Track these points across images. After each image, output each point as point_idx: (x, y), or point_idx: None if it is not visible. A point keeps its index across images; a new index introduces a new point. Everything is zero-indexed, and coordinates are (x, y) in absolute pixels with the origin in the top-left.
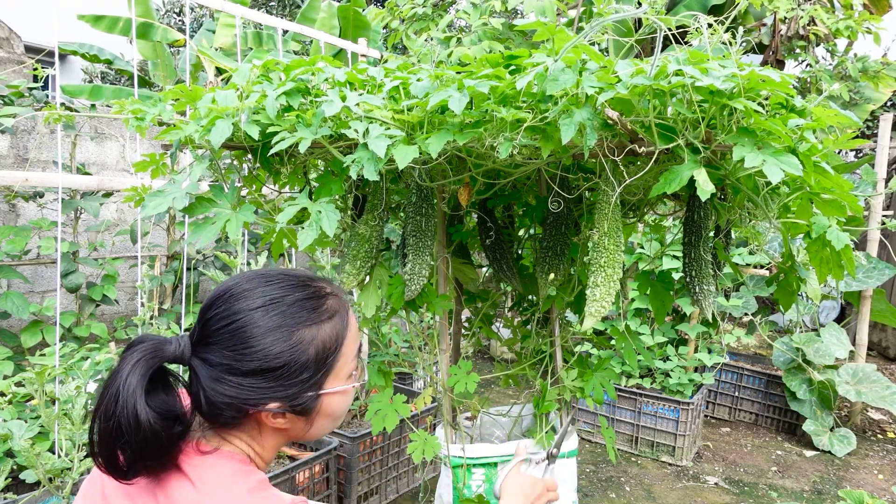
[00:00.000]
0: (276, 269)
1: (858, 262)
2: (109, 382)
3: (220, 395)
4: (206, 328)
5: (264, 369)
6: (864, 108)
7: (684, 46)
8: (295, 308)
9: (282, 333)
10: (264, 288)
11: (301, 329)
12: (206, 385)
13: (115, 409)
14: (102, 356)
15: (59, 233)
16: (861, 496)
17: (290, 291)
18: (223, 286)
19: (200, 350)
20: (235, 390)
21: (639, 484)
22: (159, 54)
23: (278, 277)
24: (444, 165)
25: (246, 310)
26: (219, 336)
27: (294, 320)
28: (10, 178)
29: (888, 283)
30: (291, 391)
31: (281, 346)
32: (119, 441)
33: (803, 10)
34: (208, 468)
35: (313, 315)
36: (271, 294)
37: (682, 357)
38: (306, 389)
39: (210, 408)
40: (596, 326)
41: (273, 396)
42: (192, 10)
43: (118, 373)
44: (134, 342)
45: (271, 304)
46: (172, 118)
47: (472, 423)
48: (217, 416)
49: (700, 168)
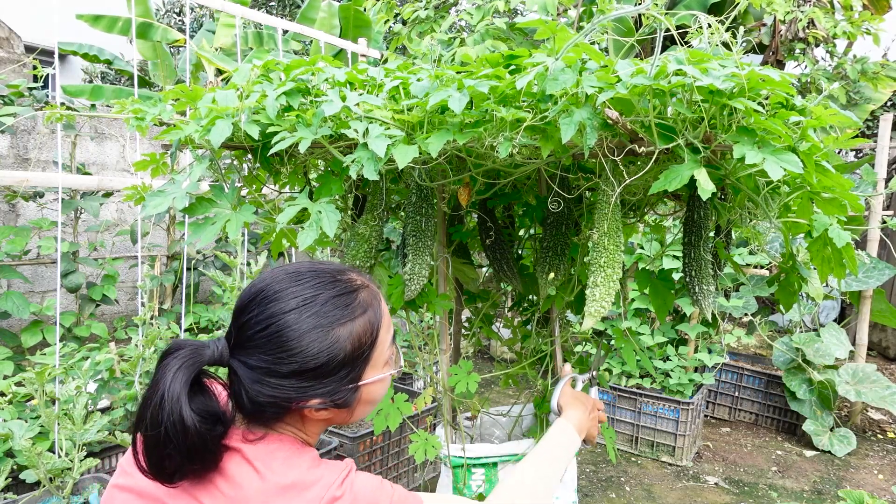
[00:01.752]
0: (305, 264)
1: (860, 261)
2: (151, 391)
3: (261, 394)
4: (241, 332)
5: (303, 370)
6: (864, 108)
7: (684, 46)
8: (328, 307)
9: (318, 334)
10: (295, 288)
11: (336, 327)
12: (247, 385)
13: (162, 417)
14: (102, 356)
15: (59, 233)
16: (861, 496)
17: (321, 290)
18: (254, 288)
19: (238, 353)
20: (277, 390)
21: (639, 484)
22: (159, 54)
23: (308, 275)
24: (444, 165)
25: (279, 313)
26: (255, 340)
27: (329, 319)
28: (10, 178)
29: (888, 283)
30: (332, 387)
31: (318, 347)
32: (167, 448)
33: (802, 11)
34: (265, 452)
35: (347, 311)
36: (303, 294)
37: (682, 357)
38: (346, 383)
39: (253, 406)
40: (596, 326)
41: (314, 393)
42: (192, 10)
43: (160, 380)
44: (171, 349)
45: (304, 306)
46: (172, 118)
47: (472, 423)
48: (260, 413)
49: (700, 168)
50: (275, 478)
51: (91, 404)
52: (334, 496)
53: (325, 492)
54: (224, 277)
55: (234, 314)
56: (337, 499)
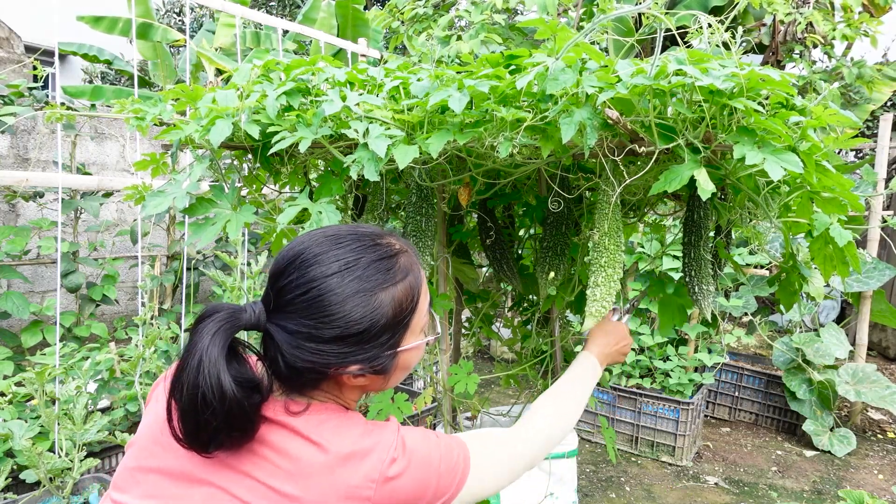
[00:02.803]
0: (344, 227)
1: (862, 260)
2: (188, 354)
3: (299, 360)
4: (280, 296)
5: (345, 335)
6: (864, 108)
7: (684, 47)
8: (371, 270)
9: (361, 298)
10: (336, 251)
11: (379, 292)
12: (285, 350)
13: (198, 380)
14: (102, 356)
15: (59, 233)
16: (861, 496)
17: (362, 253)
18: (292, 251)
19: (276, 317)
20: (316, 356)
21: (639, 484)
22: (159, 54)
23: (348, 238)
24: (444, 165)
25: (321, 276)
26: (295, 304)
27: (371, 283)
28: (11, 178)
29: (888, 283)
30: (372, 353)
31: (361, 312)
32: (204, 413)
33: (801, 13)
34: (315, 423)
35: (388, 276)
36: (345, 258)
37: (682, 357)
38: (386, 349)
39: (290, 371)
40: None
41: (354, 359)
42: (192, 10)
43: (196, 343)
44: (207, 312)
45: (346, 270)
46: (172, 118)
47: (472, 423)
48: (297, 379)
49: (700, 168)
50: (334, 448)
51: (91, 404)
52: (393, 458)
53: (385, 454)
54: (224, 277)
55: (270, 277)
56: (395, 460)
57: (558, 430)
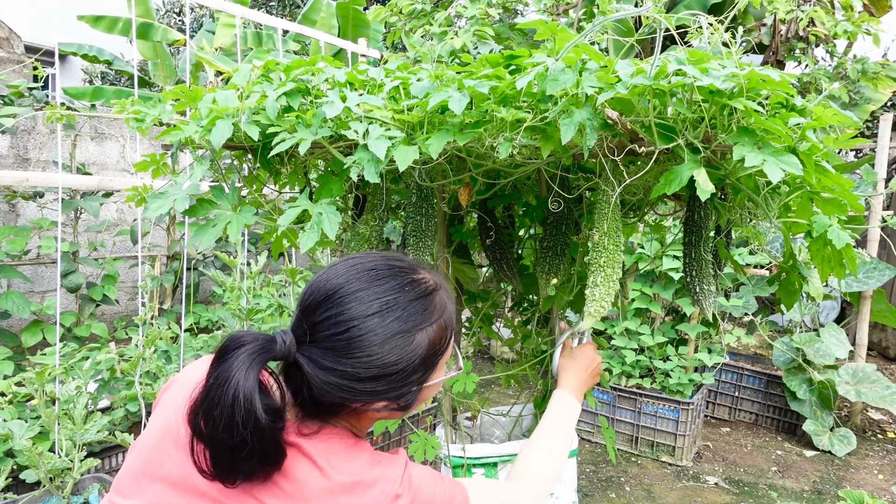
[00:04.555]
0: (380, 259)
1: (860, 261)
2: (220, 389)
3: (328, 394)
4: (316, 331)
5: (380, 376)
6: (864, 108)
7: (684, 46)
8: (411, 310)
9: (399, 340)
10: (376, 289)
11: (416, 333)
12: (314, 384)
13: (234, 418)
14: (103, 356)
15: (59, 233)
16: (861, 496)
17: (402, 291)
18: (329, 283)
19: (308, 350)
20: (346, 393)
21: (639, 484)
22: (159, 54)
23: (387, 274)
24: (444, 165)
25: (361, 316)
26: (332, 341)
27: (410, 325)
28: (10, 178)
29: (888, 284)
30: (402, 391)
31: (399, 354)
32: (241, 450)
33: (803, 10)
34: (324, 448)
35: (425, 315)
36: (385, 297)
37: (682, 357)
38: (414, 386)
39: (315, 403)
40: (596, 326)
41: (384, 398)
42: (192, 10)
43: (229, 378)
44: (235, 342)
45: (387, 310)
46: (172, 118)
47: (472, 423)
48: (319, 408)
49: (700, 168)
50: (338, 476)
51: (91, 404)
52: (397, 493)
53: (389, 487)
54: (224, 277)
55: (304, 309)
56: (399, 496)
57: (550, 476)
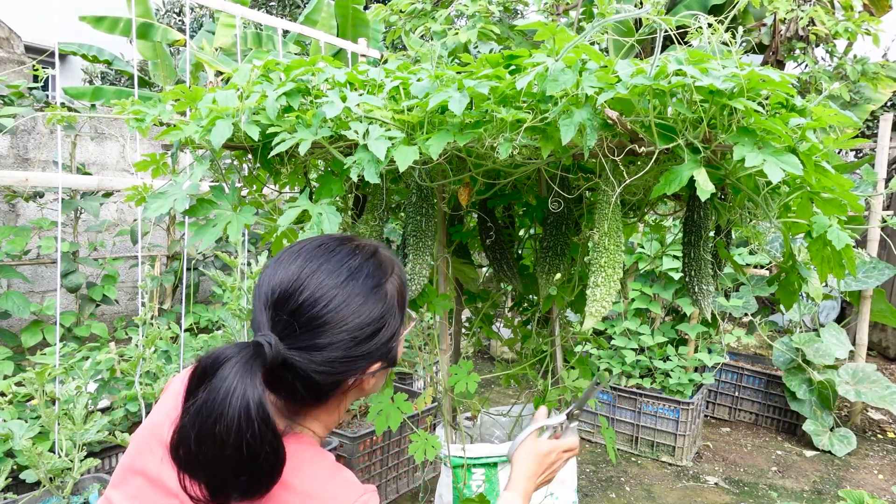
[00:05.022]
0: (321, 238)
1: (860, 261)
2: (221, 407)
3: (328, 375)
4: (296, 318)
5: (373, 333)
6: (864, 108)
7: (684, 46)
8: (370, 268)
9: (376, 294)
10: (336, 258)
11: (385, 284)
12: (310, 373)
13: (243, 433)
14: (103, 356)
15: (59, 233)
16: (861, 496)
17: (356, 255)
18: (290, 272)
19: (296, 342)
20: (348, 363)
21: (639, 484)
22: (159, 54)
23: (336, 244)
24: (444, 165)
25: (336, 285)
26: (319, 320)
27: (378, 279)
28: (10, 178)
29: (888, 283)
30: (391, 344)
31: (382, 307)
32: (249, 466)
33: (803, 10)
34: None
35: (384, 268)
36: (347, 262)
37: (682, 357)
38: (397, 338)
39: (313, 392)
40: (596, 326)
41: (378, 356)
42: (192, 10)
43: (230, 391)
44: (218, 357)
45: (356, 272)
46: (173, 118)
47: (473, 423)
48: (316, 398)
49: (700, 168)
50: (299, 484)
51: (91, 404)
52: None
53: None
54: (224, 277)
55: (276, 304)
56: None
57: None
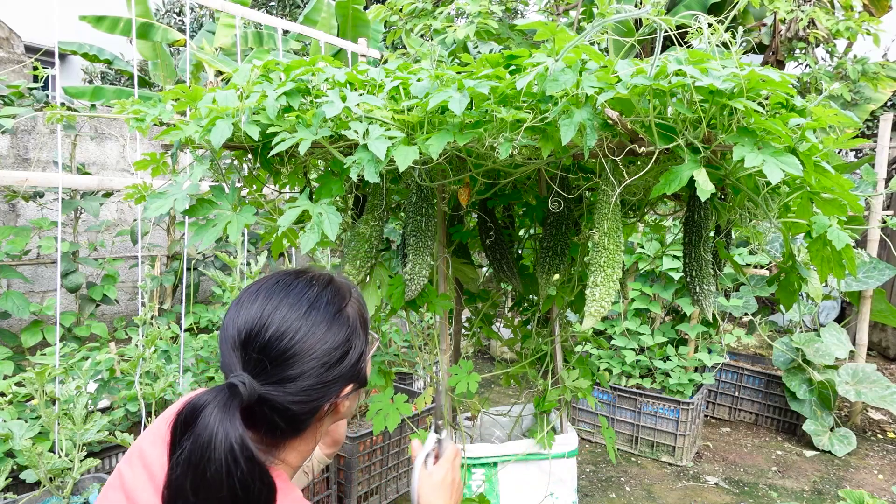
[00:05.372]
0: (278, 274)
1: (860, 261)
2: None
3: (305, 404)
4: (267, 353)
5: (340, 356)
6: (864, 108)
7: (684, 46)
8: (329, 295)
9: (339, 319)
10: (295, 292)
11: (345, 308)
12: (287, 405)
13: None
14: (102, 356)
15: (59, 233)
16: (861, 496)
17: (313, 285)
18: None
19: (269, 378)
20: (322, 389)
21: (639, 484)
22: (159, 54)
23: (292, 278)
24: (444, 165)
25: (300, 317)
26: (288, 353)
27: (338, 304)
28: (10, 178)
29: (888, 283)
30: (359, 365)
31: (346, 331)
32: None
33: (803, 10)
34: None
35: (341, 294)
36: (306, 293)
37: (682, 357)
38: (364, 359)
39: (291, 424)
40: (596, 326)
41: (349, 378)
42: (192, 10)
43: (213, 435)
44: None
45: (316, 301)
46: (173, 118)
47: (473, 423)
48: (295, 429)
49: (700, 168)
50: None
51: (91, 404)
52: None
53: None
54: (224, 277)
55: (243, 344)
56: None
57: None
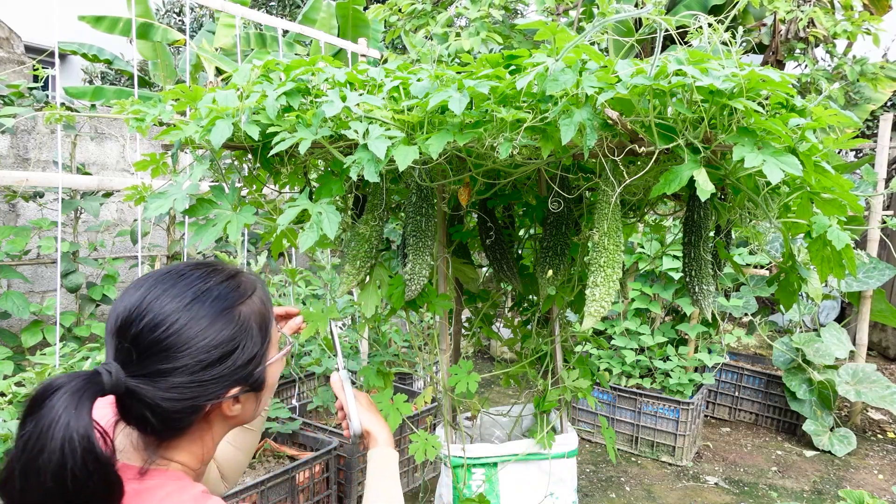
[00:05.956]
0: (176, 264)
1: (860, 261)
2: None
3: (178, 402)
4: (139, 343)
5: (222, 356)
6: (864, 108)
7: (685, 46)
8: (223, 290)
9: (226, 316)
10: (184, 283)
11: (239, 307)
12: (157, 402)
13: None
14: (103, 356)
15: (59, 233)
16: (861, 496)
17: (209, 278)
18: (134, 298)
19: (139, 369)
20: (197, 389)
21: (639, 484)
22: (159, 54)
23: (189, 269)
24: (444, 165)
25: (179, 309)
26: (161, 345)
27: (231, 301)
28: (10, 178)
29: (888, 283)
30: (249, 369)
31: (231, 330)
32: (82, 499)
33: (803, 11)
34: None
35: (241, 291)
36: (196, 286)
37: (682, 357)
38: (258, 363)
39: (166, 422)
40: (596, 326)
41: (234, 380)
42: (192, 10)
43: (53, 422)
44: (47, 388)
45: (203, 295)
46: (172, 118)
47: (472, 423)
48: (172, 428)
49: (700, 168)
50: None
51: None
52: None
53: None
54: None
55: (118, 332)
56: None
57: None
